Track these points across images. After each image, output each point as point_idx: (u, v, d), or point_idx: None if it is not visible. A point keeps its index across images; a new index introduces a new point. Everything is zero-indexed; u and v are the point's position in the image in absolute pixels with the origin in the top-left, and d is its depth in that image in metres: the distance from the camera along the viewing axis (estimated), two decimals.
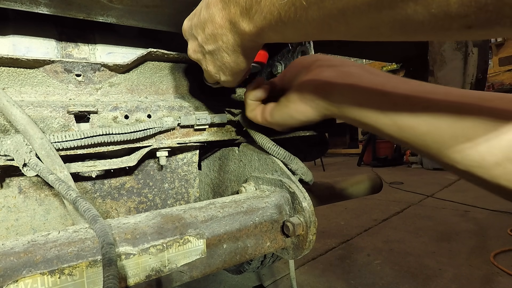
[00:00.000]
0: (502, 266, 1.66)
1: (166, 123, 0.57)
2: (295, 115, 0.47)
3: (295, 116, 0.47)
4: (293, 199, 0.50)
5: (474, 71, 0.81)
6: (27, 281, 0.30)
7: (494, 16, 0.20)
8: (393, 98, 0.37)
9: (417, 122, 0.35)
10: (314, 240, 0.49)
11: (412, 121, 0.35)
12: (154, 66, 0.61)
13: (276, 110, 0.49)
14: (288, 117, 0.48)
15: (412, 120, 0.35)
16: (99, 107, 0.53)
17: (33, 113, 0.48)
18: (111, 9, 0.49)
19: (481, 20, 0.20)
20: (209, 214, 0.44)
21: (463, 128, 0.32)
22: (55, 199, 0.56)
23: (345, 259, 1.91)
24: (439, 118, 0.33)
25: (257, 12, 0.31)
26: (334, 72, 0.43)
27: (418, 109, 0.35)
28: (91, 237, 0.35)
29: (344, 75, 0.42)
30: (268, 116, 0.51)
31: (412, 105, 0.36)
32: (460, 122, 0.32)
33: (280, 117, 0.49)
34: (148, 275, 0.37)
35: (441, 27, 0.22)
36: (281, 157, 0.55)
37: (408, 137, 0.36)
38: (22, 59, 0.47)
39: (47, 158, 0.44)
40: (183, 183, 0.72)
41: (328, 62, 0.46)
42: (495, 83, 5.86)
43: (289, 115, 0.48)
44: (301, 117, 0.47)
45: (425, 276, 1.65)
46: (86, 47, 0.69)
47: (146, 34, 0.77)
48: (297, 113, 0.47)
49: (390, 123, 0.37)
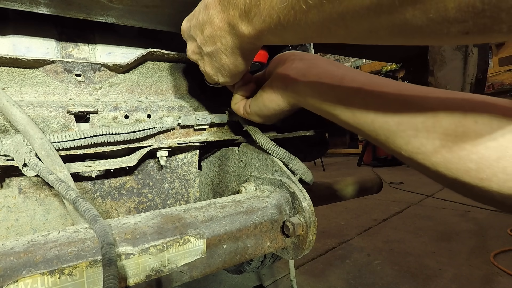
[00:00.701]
0: (502, 266, 1.66)
1: (166, 123, 0.57)
2: (268, 103, 0.51)
3: (268, 105, 0.51)
4: (293, 199, 0.50)
5: (474, 71, 0.81)
6: (27, 281, 0.30)
7: (491, 22, 0.20)
8: (348, 88, 0.40)
9: (367, 110, 0.38)
10: (314, 240, 0.49)
11: (363, 110, 0.39)
12: (154, 66, 0.61)
13: (253, 101, 0.53)
14: (262, 106, 0.51)
15: (363, 109, 0.39)
16: (99, 107, 0.53)
17: (33, 113, 0.48)
18: (111, 9, 0.49)
19: (478, 26, 0.20)
20: (209, 214, 0.44)
21: (407, 117, 0.35)
22: (55, 199, 0.56)
23: (345, 259, 1.91)
24: (387, 107, 0.37)
25: (256, 15, 0.31)
26: (303, 64, 0.47)
27: (368, 98, 0.38)
28: (91, 237, 0.35)
29: (311, 66, 0.46)
30: (247, 107, 0.54)
31: (363, 95, 0.39)
32: (405, 112, 0.35)
33: (256, 106, 0.53)
34: (148, 275, 0.37)
35: (439, 32, 0.22)
36: (281, 157, 0.55)
37: (362, 125, 0.40)
38: (22, 59, 0.47)
39: (47, 158, 0.44)
40: (183, 183, 0.72)
41: (300, 55, 0.50)
42: (495, 83, 5.86)
43: (263, 104, 0.51)
44: (272, 105, 0.50)
45: (425, 276, 1.65)
46: (86, 47, 0.69)
47: (146, 34, 0.77)
48: (269, 101, 0.50)
49: (346, 111, 0.41)
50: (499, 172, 0.29)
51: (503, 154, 0.29)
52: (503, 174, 0.29)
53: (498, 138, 0.29)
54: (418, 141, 0.34)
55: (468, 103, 0.32)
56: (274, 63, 0.53)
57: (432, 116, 0.33)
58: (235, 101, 0.57)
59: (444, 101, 0.33)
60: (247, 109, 0.55)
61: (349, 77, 0.42)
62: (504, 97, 5.91)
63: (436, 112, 0.33)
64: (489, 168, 0.29)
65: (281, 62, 0.51)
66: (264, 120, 0.56)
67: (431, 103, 0.34)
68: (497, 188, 0.29)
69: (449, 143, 0.32)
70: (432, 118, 0.33)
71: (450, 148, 0.32)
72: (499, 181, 0.29)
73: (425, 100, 0.34)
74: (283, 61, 0.51)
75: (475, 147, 0.30)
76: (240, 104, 0.57)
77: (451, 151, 0.32)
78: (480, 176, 0.30)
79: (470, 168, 0.31)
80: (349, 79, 0.41)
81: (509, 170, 0.28)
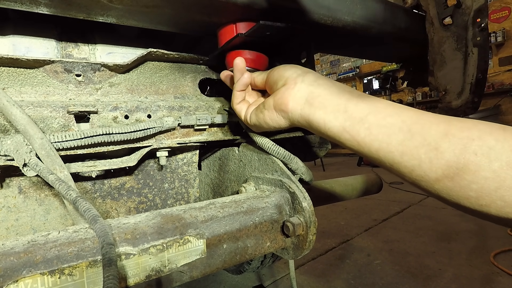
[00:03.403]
0: (502, 266, 1.66)
1: (166, 123, 0.57)
2: (269, 122, 0.52)
3: (269, 123, 0.52)
4: (293, 199, 0.50)
5: (474, 71, 0.81)
6: (27, 281, 0.30)
7: None
8: (353, 118, 0.42)
9: (372, 140, 0.40)
10: (314, 240, 0.49)
11: (368, 139, 0.40)
12: (154, 66, 0.61)
13: (254, 114, 0.54)
14: (263, 122, 0.53)
15: (367, 139, 0.40)
16: (99, 107, 0.53)
17: (33, 113, 0.48)
18: (111, 9, 0.49)
19: None
20: (209, 214, 0.44)
21: (411, 148, 0.37)
22: (55, 199, 0.56)
23: (345, 259, 1.91)
24: (391, 137, 0.38)
25: None
26: (307, 89, 0.47)
27: (373, 129, 0.40)
28: (91, 237, 0.35)
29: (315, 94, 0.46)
30: (248, 118, 0.56)
31: (368, 125, 0.40)
32: (409, 143, 0.37)
33: (256, 121, 0.54)
34: (148, 275, 0.37)
35: None
36: (281, 157, 0.55)
37: (367, 153, 0.41)
38: (22, 59, 0.47)
39: (47, 158, 0.44)
40: (183, 183, 0.72)
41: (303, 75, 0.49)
42: (495, 83, 5.86)
43: (264, 120, 0.52)
44: (274, 124, 0.51)
45: (425, 276, 1.65)
46: (86, 47, 0.69)
47: (146, 34, 0.77)
48: (270, 120, 0.51)
49: (351, 139, 0.42)
50: (497, 200, 0.31)
51: (500, 185, 0.31)
52: (501, 202, 0.31)
53: (496, 169, 0.31)
54: (421, 171, 0.36)
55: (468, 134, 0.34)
56: (277, 77, 0.51)
57: (435, 148, 0.35)
58: (236, 101, 0.57)
59: (446, 133, 0.35)
60: (247, 119, 0.56)
61: (353, 104, 0.42)
62: (504, 97, 5.85)
63: (438, 144, 0.35)
64: (488, 196, 0.32)
65: (284, 80, 0.50)
66: (263, 131, 0.58)
67: (434, 135, 0.35)
68: (495, 213, 0.32)
69: (451, 174, 0.34)
70: (435, 150, 0.35)
71: (452, 178, 0.34)
72: (497, 207, 0.32)
73: (428, 132, 0.36)
74: (287, 80, 0.49)
75: (475, 178, 0.32)
76: (242, 106, 0.58)
77: (452, 181, 0.34)
78: (480, 203, 0.33)
79: (470, 196, 0.33)
80: (353, 106, 0.42)
81: (507, 198, 0.31)
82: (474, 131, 0.34)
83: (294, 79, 0.48)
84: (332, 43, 0.85)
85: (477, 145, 0.33)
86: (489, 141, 0.33)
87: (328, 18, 0.62)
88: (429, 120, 0.37)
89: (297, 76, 0.49)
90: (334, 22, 0.64)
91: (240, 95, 0.57)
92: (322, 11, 0.61)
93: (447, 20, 0.83)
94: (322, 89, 0.46)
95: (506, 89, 5.67)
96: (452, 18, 0.82)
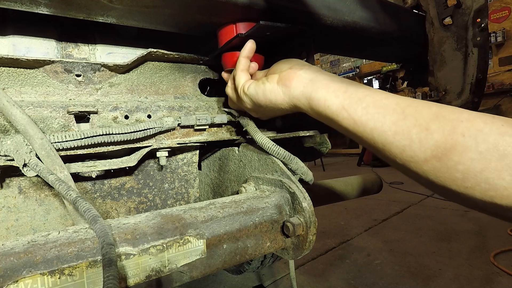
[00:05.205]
0: (502, 266, 1.66)
1: (166, 123, 0.57)
2: (268, 94, 0.52)
3: (267, 95, 0.52)
4: (293, 199, 0.50)
5: (474, 71, 0.81)
6: (27, 281, 0.30)
7: None
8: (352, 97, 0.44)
9: (368, 119, 0.41)
10: (314, 240, 0.49)
11: (364, 118, 0.42)
12: (154, 66, 0.61)
13: (254, 84, 0.54)
14: (261, 94, 0.53)
15: (364, 117, 0.42)
16: (99, 107, 0.53)
17: (33, 113, 0.48)
18: (111, 9, 0.49)
19: None
20: (209, 215, 0.44)
21: (404, 128, 0.38)
22: (55, 199, 0.56)
23: (345, 259, 1.91)
24: (386, 117, 0.40)
25: None
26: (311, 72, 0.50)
27: (369, 108, 0.42)
28: (91, 237, 0.35)
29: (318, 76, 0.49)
30: (246, 87, 0.55)
31: (365, 104, 0.42)
32: (402, 123, 0.38)
33: (254, 90, 0.54)
34: (148, 275, 0.37)
35: None
36: (281, 157, 0.55)
37: (361, 132, 0.42)
38: (22, 59, 0.47)
39: (47, 158, 0.44)
40: (183, 183, 0.72)
41: (308, 64, 0.53)
42: (495, 83, 5.85)
43: (262, 92, 0.52)
44: (271, 97, 0.52)
45: (425, 276, 1.65)
46: (86, 47, 0.69)
47: (146, 34, 0.77)
48: (269, 92, 0.52)
49: (348, 118, 0.44)
50: (481, 182, 0.32)
51: (486, 166, 0.32)
52: (485, 184, 0.32)
53: (482, 151, 0.32)
54: (411, 151, 0.37)
55: (458, 116, 0.35)
56: (282, 64, 0.55)
57: (426, 129, 0.36)
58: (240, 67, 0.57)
59: (437, 115, 0.36)
60: (245, 87, 0.56)
61: (353, 87, 0.45)
62: (504, 97, 5.84)
63: (429, 124, 0.36)
64: (473, 178, 0.33)
65: (288, 65, 0.54)
66: (255, 109, 0.57)
67: (425, 116, 0.37)
68: (480, 196, 0.33)
69: (439, 154, 0.35)
70: (425, 130, 0.36)
71: (439, 159, 0.35)
72: (481, 190, 0.32)
73: (420, 113, 0.38)
74: (291, 65, 0.53)
75: (462, 159, 0.33)
76: (243, 75, 0.57)
77: (440, 161, 0.35)
78: (465, 185, 0.34)
79: (456, 178, 0.34)
80: (353, 89, 0.45)
81: (491, 180, 0.31)
82: (464, 114, 0.35)
83: (301, 65, 0.52)
84: (332, 43, 0.85)
85: (465, 126, 0.34)
86: (477, 123, 0.33)
87: (328, 18, 0.62)
88: (422, 104, 0.39)
89: (303, 64, 0.53)
90: (334, 22, 0.64)
91: (245, 63, 0.57)
92: (322, 11, 0.61)
93: (447, 20, 0.83)
94: (326, 76, 0.49)
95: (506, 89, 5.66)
96: (452, 18, 0.82)
